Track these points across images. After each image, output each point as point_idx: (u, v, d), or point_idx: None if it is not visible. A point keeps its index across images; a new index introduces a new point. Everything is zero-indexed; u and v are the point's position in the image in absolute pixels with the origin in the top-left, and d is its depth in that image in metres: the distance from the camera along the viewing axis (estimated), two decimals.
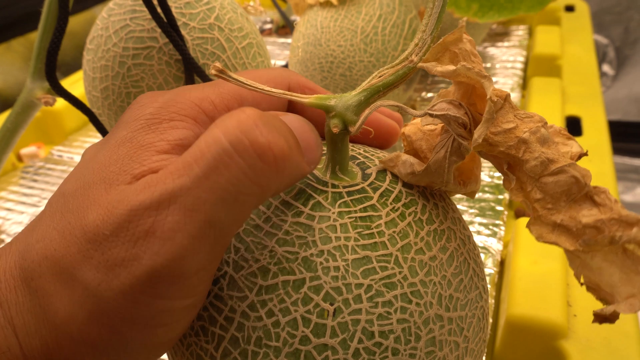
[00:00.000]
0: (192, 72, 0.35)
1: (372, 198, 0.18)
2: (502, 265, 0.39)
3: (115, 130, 0.17)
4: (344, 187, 0.18)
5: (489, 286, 0.35)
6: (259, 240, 0.17)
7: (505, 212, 0.43)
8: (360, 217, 0.18)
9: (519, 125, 0.17)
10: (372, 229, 0.17)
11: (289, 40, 0.80)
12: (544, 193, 0.17)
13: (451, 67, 0.17)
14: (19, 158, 0.56)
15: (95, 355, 0.15)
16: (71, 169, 0.54)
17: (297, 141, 0.17)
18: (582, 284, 0.17)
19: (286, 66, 0.67)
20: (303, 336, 0.16)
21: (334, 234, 0.17)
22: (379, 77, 0.18)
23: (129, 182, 0.15)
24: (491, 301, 0.34)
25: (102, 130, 0.35)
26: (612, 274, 0.16)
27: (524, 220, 0.37)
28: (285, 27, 0.83)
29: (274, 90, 0.18)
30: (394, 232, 0.18)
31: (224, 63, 0.37)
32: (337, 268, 0.17)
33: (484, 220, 0.42)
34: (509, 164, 0.18)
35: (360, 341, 0.16)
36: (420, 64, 0.18)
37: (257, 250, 0.17)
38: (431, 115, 0.18)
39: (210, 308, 0.18)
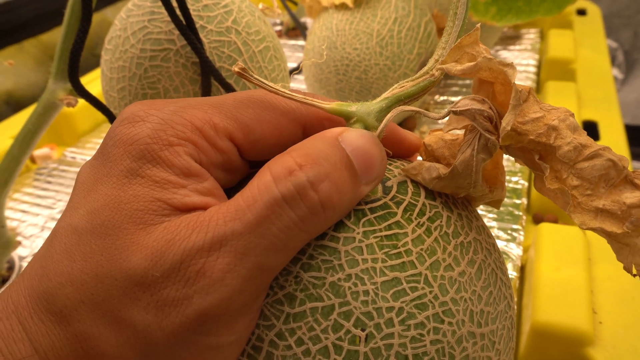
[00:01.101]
0: (209, 75, 0.35)
1: (396, 214, 0.18)
2: (522, 270, 0.38)
3: (114, 151, 0.16)
4: (366, 202, 0.18)
5: None
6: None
7: (524, 217, 0.42)
8: (386, 236, 0.17)
9: (546, 115, 0.17)
10: (399, 247, 0.17)
11: (299, 42, 0.79)
12: (581, 179, 0.16)
13: (471, 63, 0.17)
14: (32, 159, 0.56)
15: None
16: None
17: (352, 172, 0.16)
18: (634, 275, 0.16)
19: (297, 68, 0.67)
20: None
21: (360, 256, 0.17)
22: (400, 87, 0.18)
23: (163, 222, 0.15)
24: None
25: None
26: None
27: (545, 226, 0.37)
28: (295, 29, 0.83)
29: (294, 94, 0.18)
30: (422, 249, 0.17)
31: None
32: (366, 292, 0.16)
33: (503, 225, 0.41)
34: (540, 155, 0.17)
35: None
36: (440, 66, 0.18)
37: (282, 276, 0.17)
38: (455, 112, 0.17)
39: None
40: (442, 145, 0.20)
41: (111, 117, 0.33)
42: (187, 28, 0.33)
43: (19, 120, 0.58)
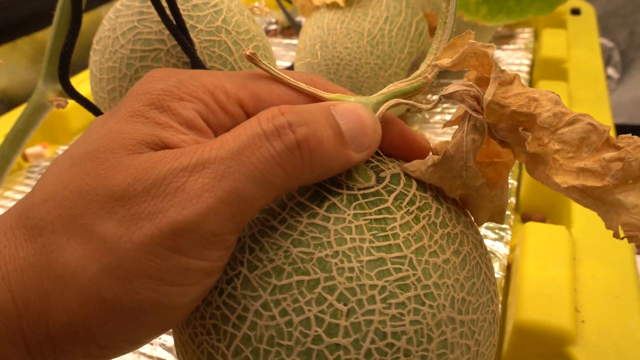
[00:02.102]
0: None
1: (386, 201, 0.18)
2: (508, 269, 0.39)
3: (127, 100, 0.18)
4: (359, 189, 0.19)
5: None
6: (274, 240, 0.18)
7: (512, 216, 0.43)
8: (375, 220, 0.18)
9: (528, 91, 0.18)
10: (387, 231, 0.18)
11: (294, 42, 0.80)
12: (563, 143, 0.17)
13: (459, 52, 0.18)
14: (25, 158, 0.56)
15: (104, 310, 0.15)
16: None
17: (337, 132, 0.17)
18: (622, 238, 0.16)
19: (291, 67, 0.67)
20: (316, 336, 0.16)
21: (349, 235, 0.17)
22: (395, 86, 0.20)
23: (154, 151, 0.16)
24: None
25: None
26: None
27: (532, 225, 0.37)
28: (290, 28, 0.83)
29: (299, 83, 0.19)
30: (409, 234, 0.18)
31: (231, 66, 0.37)
32: (351, 269, 0.17)
33: (491, 224, 0.42)
34: (524, 127, 0.18)
35: (372, 342, 0.16)
36: (434, 62, 0.19)
37: (272, 250, 0.17)
38: (445, 96, 0.19)
39: (223, 307, 0.18)
40: (446, 145, 0.21)
41: None
42: (178, 28, 0.33)
43: (12, 119, 0.58)
